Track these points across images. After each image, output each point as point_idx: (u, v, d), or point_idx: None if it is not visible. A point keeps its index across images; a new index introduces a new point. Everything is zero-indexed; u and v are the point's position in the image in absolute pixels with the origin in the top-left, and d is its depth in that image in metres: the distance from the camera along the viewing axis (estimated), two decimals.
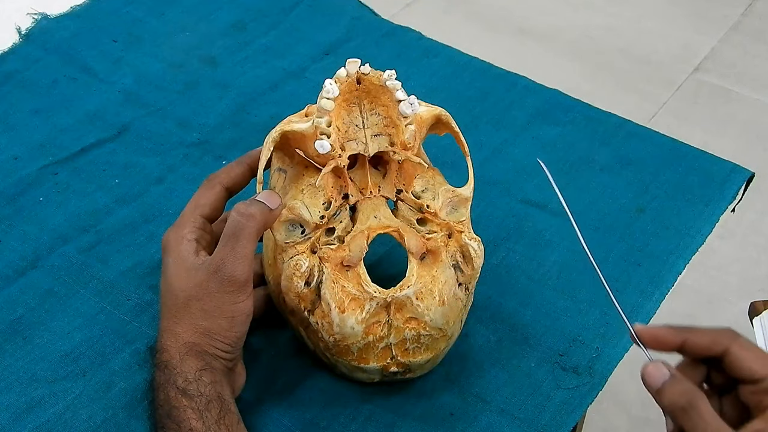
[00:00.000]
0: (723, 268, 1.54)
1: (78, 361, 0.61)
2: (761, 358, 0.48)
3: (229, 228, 0.53)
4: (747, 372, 0.48)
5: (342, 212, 0.57)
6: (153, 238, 0.70)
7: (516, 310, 0.66)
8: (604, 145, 0.81)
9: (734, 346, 0.48)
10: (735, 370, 0.48)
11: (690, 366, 0.51)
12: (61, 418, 0.57)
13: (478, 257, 0.57)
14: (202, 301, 0.53)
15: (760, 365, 0.48)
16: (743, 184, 0.78)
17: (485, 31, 2.09)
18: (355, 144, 0.57)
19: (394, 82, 0.57)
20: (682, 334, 0.50)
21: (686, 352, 0.50)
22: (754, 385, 0.48)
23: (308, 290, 0.55)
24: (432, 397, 0.60)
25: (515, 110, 0.85)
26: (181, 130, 0.81)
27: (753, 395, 0.48)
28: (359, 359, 0.56)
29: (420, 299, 0.55)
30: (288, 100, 0.84)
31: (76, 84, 0.85)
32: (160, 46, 0.91)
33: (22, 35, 0.90)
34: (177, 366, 0.51)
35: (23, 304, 0.65)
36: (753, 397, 0.48)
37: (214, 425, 0.50)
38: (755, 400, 0.48)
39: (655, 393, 0.48)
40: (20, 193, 0.73)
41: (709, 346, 0.49)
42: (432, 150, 0.64)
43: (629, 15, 2.17)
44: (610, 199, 0.76)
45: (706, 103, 1.92)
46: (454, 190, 0.58)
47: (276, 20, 0.95)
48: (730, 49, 2.07)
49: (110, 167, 0.77)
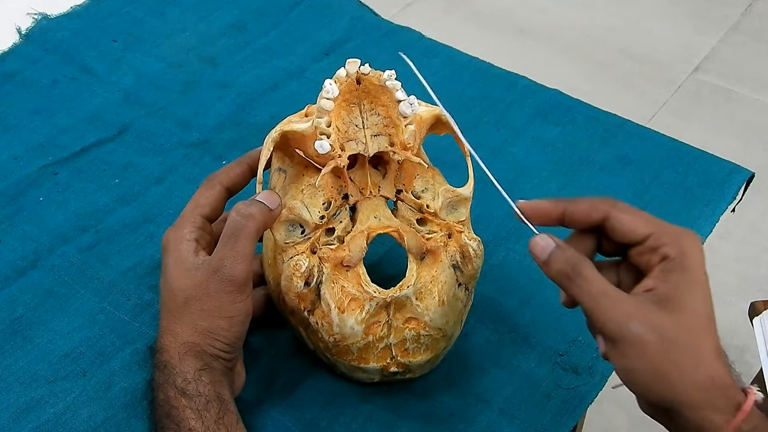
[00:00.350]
0: (723, 268, 1.54)
1: (78, 361, 0.61)
2: (641, 218, 0.48)
3: (228, 228, 0.53)
4: (629, 234, 0.48)
5: (342, 212, 0.57)
6: (153, 238, 0.70)
7: (516, 310, 0.66)
8: (604, 145, 0.81)
9: (613, 211, 0.48)
10: (618, 234, 0.48)
11: (578, 238, 0.51)
12: (61, 418, 0.57)
13: (478, 257, 0.57)
14: (201, 301, 0.53)
15: (641, 225, 0.48)
16: (743, 184, 0.78)
17: (485, 31, 2.09)
18: (355, 144, 0.57)
19: (394, 82, 0.57)
20: (562, 204, 0.50)
21: (568, 222, 0.50)
22: (640, 246, 0.48)
23: (308, 290, 0.55)
24: (432, 397, 0.60)
25: (515, 110, 0.85)
26: (181, 130, 0.81)
27: (640, 256, 0.48)
28: (359, 359, 0.56)
29: (420, 299, 0.55)
30: (288, 100, 0.84)
31: (76, 84, 0.85)
32: (160, 46, 0.91)
33: (22, 35, 0.90)
34: (176, 366, 0.51)
35: (23, 304, 0.65)
36: (641, 259, 0.48)
37: (213, 425, 0.50)
38: (644, 261, 0.48)
39: (542, 264, 0.48)
40: (20, 193, 0.74)
41: (589, 213, 0.49)
42: (432, 150, 0.64)
43: (629, 15, 2.17)
44: None
45: (706, 103, 1.92)
46: (454, 190, 0.58)
47: (276, 20, 0.95)
48: (730, 49, 2.07)
49: (110, 167, 0.77)
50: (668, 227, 0.48)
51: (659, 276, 0.46)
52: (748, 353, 1.41)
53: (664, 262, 0.46)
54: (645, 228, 0.48)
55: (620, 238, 0.48)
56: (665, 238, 0.47)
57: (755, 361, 1.14)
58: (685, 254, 0.46)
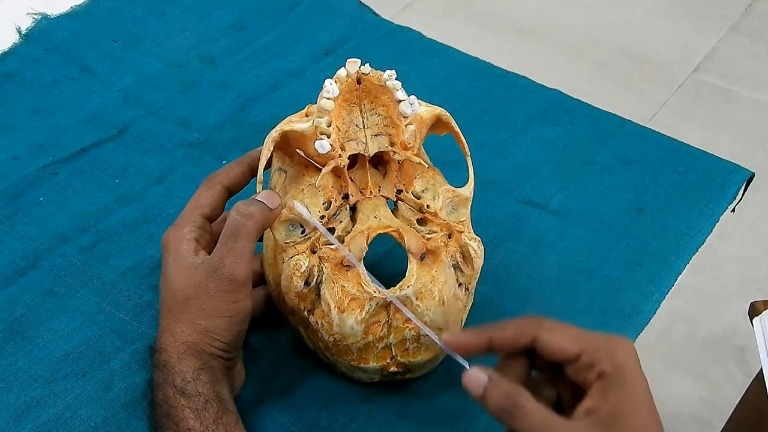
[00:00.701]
0: (723, 268, 1.54)
1: (78, 361, 0.61)
2: (569, 335, 0.46)
3: (228, 227, 0.53)
4: (560, 353, 0.46)
5: (342, 212, 0.57)
6: (153, 238, 0.70)
7: (516, 310, 0.66)
8: (604, 145, 0.81)
9: (540, 332, 0.46)
10: (549, 355, 0.46)
11: (510, 362, 0.48)
12: (61, 418, 0.57)
13: (478, 257, 0.57)
14: (201, 301, 0.53)
15: (570, 343, 0.46)
16: (743, 184, 0.77)
17: (485, 31, 2.09)
18: (355, 144, 0.57)
19: (394, 82, 0.57)
20: (486, 333, 0.48)
21: (497, 349, 0.48)
22: (575, 364, 0.46)
23: (308, 290, 0.55)
24: (432, 397, 0.60)
25: (515, 110, 0.85)
26: (181, 130, 0.81)
27: (577, 374, 0.46)
28: (359, 359, 0.56)
29: (420, 299, 0.55)
30: (288, 100, 0.84)
31: (76, 84, 0.85)
32: (160, 46, 0.90)
33: (22, 35, 0.90)
34: (175, 365, 0.51)
35: (23, 304, 0.65)
36: (578, 376, 0.46)
37: (212, 425, 0.50)
38: (581, 378, 0.46)
39: (479, 400, 0.46)
40: (20, 193, 0.73)
41: (516, 337, 0.47)
42: (432, 150, 0.64)
43: (629, 15, 2.16)
44: (610, 199, 0.76)
45: (706, 103, 1.92)
46: (454, 190, 0.58)
47: (276, 20, 0.95)
48: (730, 49, 2.07)
49: (110, 167, 0.77)
50: (598, 340, 0.46)
51: (598, 395, 0.44)
52: (748, 353, 1.41)
53: (601, 380, 0.44)
54: (575, 345, 0.46)
55: (552, 358, 0.47)
56: (598, 354, 0.45)
57: (755, 361, 1.14)
58: (620, 367, 0.44)
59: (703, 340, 1.45)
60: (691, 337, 1.46)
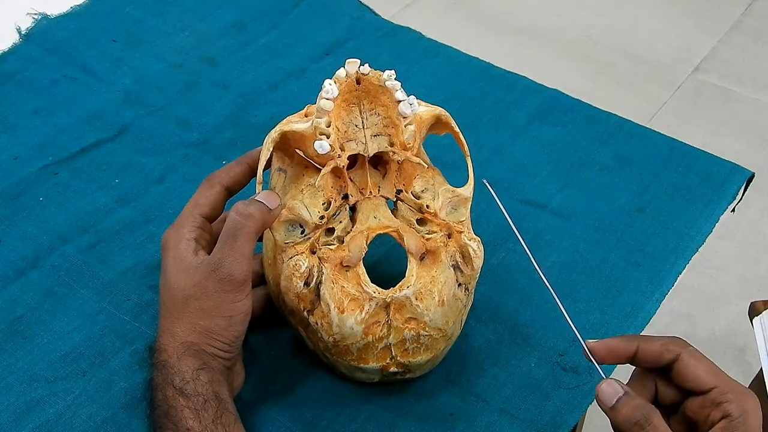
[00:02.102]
0: (723, 268, 1.54)
1: (78, 361, 0.61)
2: (709, 369, 0.48)
3: (227, 227, 0.53)
4: (694, 381, 0.48)
5: (341, 212, 0.57)
6: (153, 238, 0.70)
7: (516, 310, 0.66)
8: (604, 145, 0.81)
9: (684, 354, 0.48)
10: (683, 379, 0.48)
11: (640, 382, 0.51)
12: (61, 418, 0.57)
13: (477, 257, 0.57)
14: (200, 301, 0.53)
15: (708, 374, 0.48)
16: (743, 184, 0.78)
17: (485, 31, 2.09)
18: (355, 144, 0.57)
19: (394, 83, 0.57)
20: (635, 342, 0.50)
21: (639, 360, 0.50)
22: (702, 397, 0.48)
23: (308, 290, 0.55)
24: (432, 397, 0.60)
25: (515, 110, 0.85)
26: (181, 130, 0.81)
27: (700, 409, 0.48)
28: (359, 359, 0.56)
29: (419, 299, 0.55)
30: (288, 100, 0.84)
31: (76, 84, 0.85)
32: (160, 46, 0.91)
33: (22, 35, 0.90)
34: (174, 365, 0.51)
35: (23, 304, 0.65)
36: (700, 411, 0.48)
37: (211, 425, 0.50)
38: (703, 415, 0.48)
39: (609, 410, 0.48)
40: (20, 193, 0.73)
41: (661, 352, 0.49)
42: (432, 150, 0.64)
43: (629, 15, 2.17)
44: (610, 199, 0.76)
45: (706, 103, 1.92)
46: (454, 190, 0.58)
47: (276, 20, 0.95)
48: (730, 49, 2.07)
49: (110, 167, 0.77)
50: (733, 384, 0.48)
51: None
52: (748, 353, 1.41)
53: (726, 420, 0.46)
54: (711, 379, 0.48)
55: (684, 384, 0.48)
56: (730, 395, 0.47)
57: (755, 361, 1.14)
58: (747, 415, 0.46)
59: (703, 340, 1.45)
60: (690, 337, 1.46)
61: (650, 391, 0.51)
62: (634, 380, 0.52)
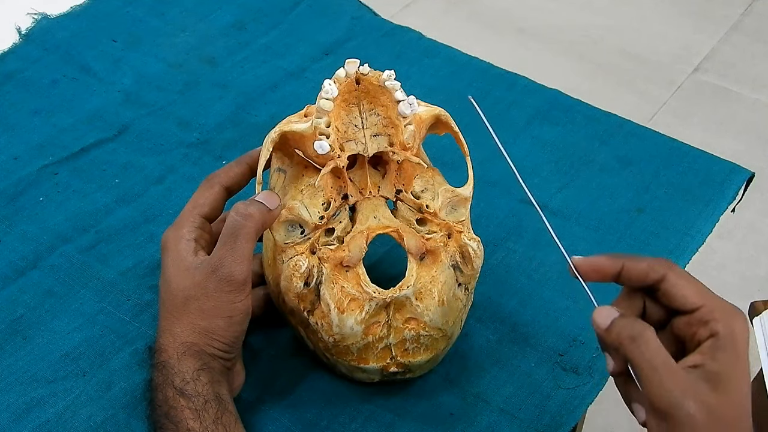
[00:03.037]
0: (723, 268, 1.54)
1: (78, 361, 0.61)
2: (695, 287, 0.48)
3: (227, 228, 0.53)
4: (681, 300, 0.47)
5: (341, 212, 0.57)
6: (153, 238, 0.70)
7: (516, 310, 0.66)
8: (604, 145, 0.81)
9: (670, 274, 0.48)
10: (670, 299, 0.48)
11: (627, 302, 0.50)
12: (61, 418, 0.57)
13: (477, 257, 0.57)
14: (200, 301, 0.53)
15: (695, 294, 0.47)
16: (743, 184, 0.78)
17: (485, 31, 2.09)
18: (355, 144, 0.57)
19: (393, 83, 0.57)
20: (620, 260, 0.49)
21: (624, 279, 0.50)
22: (689, 316, 0.47)
23: (308, 290, 0.55)
24: (432, 397, 0.60)
25: (515, 110, 0.85)
26: (181, 130, 0.81)
27: (687, 327, 0.47)
28: (359, 359, 0.56)
29: (419, 299, 0.55)
30: (288, 100, 0.84)
31: (76, 84, 0.85)
32: (160, 46, 0.91)
33: (22, 35, 0.90)
34: (175, 366, 0.51)
35: (23, 304, 0.65)
36: (687, 329, 0.47)
37: (212, 425, 0.50)
38: (689, 333, 0.47)
39: (604, 331, 0.48)
40: (20, 193, 0.74)
41: (647, 272, 0.48)
42: (432, 150, 0.64)
43: (629, 15, 2.16)
44: (610, 199, 0.76)
45: (706, 103, 1.92)
46: (454, 190, 0.58)
47: (276, 20, 0.95)
48: (730, 49, 2.07)
49: (110, 167, 0.77)
50: (719, 302, 0.47)
51: (707, 353, 0.46)
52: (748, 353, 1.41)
53: (713, 339, 0.46)
54: (698, 298, 0.47)
55: (671, 303, 0.48)
56: (716, 314, 0.47)
57: (755, 361, 1.14)
58: (734, 333, 0.46)
59: None
60: None
61: (638, 308, 0.50)
62: (622, 298, 0.51)
